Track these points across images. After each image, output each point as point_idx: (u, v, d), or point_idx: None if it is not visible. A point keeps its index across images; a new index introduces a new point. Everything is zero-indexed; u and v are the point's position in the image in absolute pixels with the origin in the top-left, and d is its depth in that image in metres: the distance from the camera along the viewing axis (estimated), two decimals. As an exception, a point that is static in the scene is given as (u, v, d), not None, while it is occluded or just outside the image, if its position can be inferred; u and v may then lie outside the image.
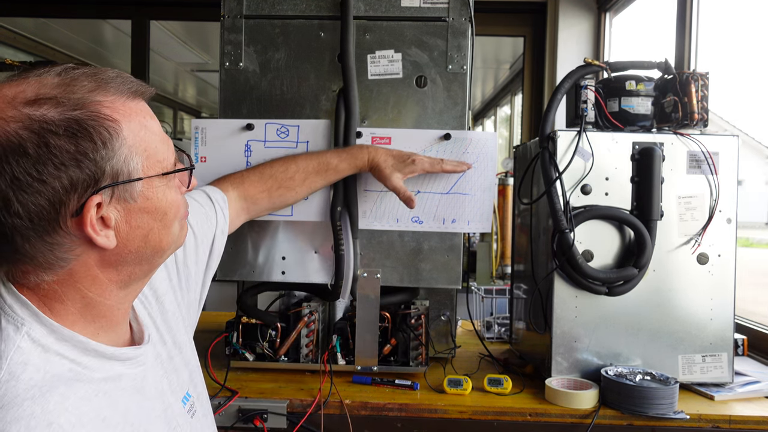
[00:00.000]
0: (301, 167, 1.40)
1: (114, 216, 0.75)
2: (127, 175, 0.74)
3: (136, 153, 0.75)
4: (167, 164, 0.80)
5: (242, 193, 1.35)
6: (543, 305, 1.56)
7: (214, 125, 1.52)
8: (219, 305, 3.72)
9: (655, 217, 1.50)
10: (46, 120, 0.69)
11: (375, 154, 1.43)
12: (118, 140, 0.73)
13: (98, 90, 0.73)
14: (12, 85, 0.72)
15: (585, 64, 1.58)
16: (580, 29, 3.31)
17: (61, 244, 0.73)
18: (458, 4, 1.53)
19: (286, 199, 1.42)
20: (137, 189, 0.76)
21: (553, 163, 1.51)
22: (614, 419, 1.39)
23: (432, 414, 1.42)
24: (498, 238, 3.09)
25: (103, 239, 0.74)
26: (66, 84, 0.72)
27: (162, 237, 0.81)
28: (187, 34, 4.77)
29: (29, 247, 0.72)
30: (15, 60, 1.76)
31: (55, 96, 0.70)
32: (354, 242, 1.50)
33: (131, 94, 0.77)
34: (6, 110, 0.69)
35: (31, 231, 0.70)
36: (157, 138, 0.79)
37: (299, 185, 1.41)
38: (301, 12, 1.55)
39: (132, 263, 0.80)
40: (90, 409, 0.73)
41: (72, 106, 0.70)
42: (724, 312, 1.53)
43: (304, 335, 1.57)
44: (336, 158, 1.42)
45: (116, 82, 0.75)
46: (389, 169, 1.42)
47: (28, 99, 0.70)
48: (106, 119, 0.72)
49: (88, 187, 0.71)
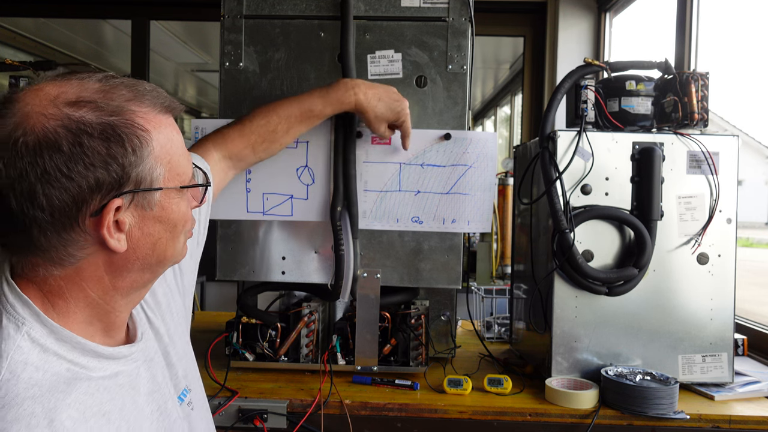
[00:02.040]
0: (283, 117, 1.36)
1: (129, 221, 0.78)
2: (149, 183, 0.78)
3: (161, 164, 0.79)
4: (185, 178, 0.84)
5: (225, 153, 1.33)
6: (543, 305, 1.56)
7: (214, 125, 1.52)
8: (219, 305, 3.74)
9: (655, 217, 1.50)
10: (83, 121, 0.72)
11: (363, 97, 1.37)
12: (147, 149, 0.77)
13: (134, 100, 0.77)
14: (56, 84, 0.75)
15: (585, 64, 1.58)
16: (580, 29, 3.31)
17: (75, 240, 0.75)
18: (458, 4, 1.53)
19: (271, 151, 1.40)
20: (155, 198, 0.79)
21: (553, 163, 1.51)
22: (614, 419, 1.39)
23: (432, 414, 1.42)
24: (498, 238, 3.09)
25: (115, 242, 0.77)
26: (105, 90, 0.76)
27: (168, 247, 0.84)
28: (187, 34, 4.77)
29: (44, 240, 0.74)
30: (15, 60, 1.76)
31: (95, 100, 0.74)
32: (354, 242, 1.50)
33: (163, 108, 0.81)
34: (48, 107, 0.72)
35: (49, 225, 0.73)
36: (180, 152, 0.83)
37: (283, 135, 1.37)
38: (301, 12, 1.55)
39: (136, 270, 0.82)
40: (94, 403, 0.75)
41: (109, 111, 0.74)
42: (724, 312, 1.53)
43: (304, 335, 1.58)
44: (320, 103, 1.36)
45: (151, 96, 0.80)
46: (376, 119, 1.40)
47: (70, 100, 0.73)
48: (138, 128, 0.76)
49: (111, 189, 0.74)
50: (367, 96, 1.38)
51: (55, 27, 4.63)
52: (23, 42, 4.78)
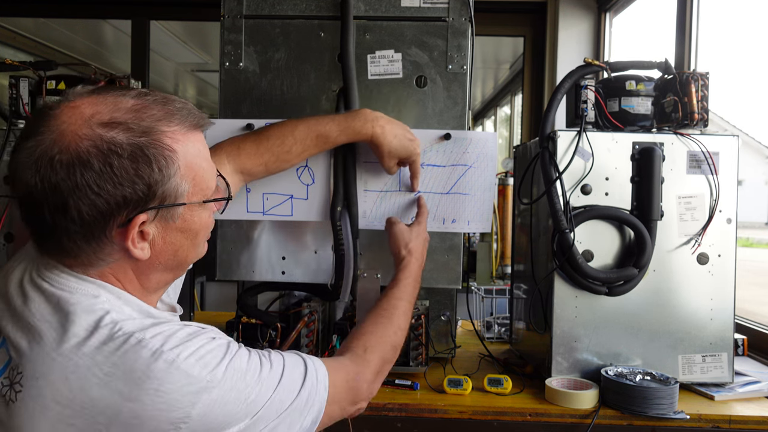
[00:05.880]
0: (299, 139, 1.35)
1: (152, 231, 0.83)
2: (173, 198, 0.83)
3: (186, 180, 0.84)
4: (209, 192, 0.89)
5: (238, 167, 1.32)
6: (543, 305, 1.56)
7: (214, 125, 1.52)
8: (219, 305, 3.73)
9: (655, 217, 1.50)
10: (114, 142, 0.77)
11: (380, 131, 1.36)
12: (173, 168, 0.82)
13: (164, 119, 0.82)
14: (92, 102, 0.80)
15: (585, 64, 1.58)
16: (580, 29, 3.30)
17: (102, 249, 0.81)
18: (458, 4, 1.53)
19: (282, 169, 1.40)
20: (179, 211, 0.85)
21: (553, 163, 1.51)
22: (614, 419, 1.39)
23: (432, 414, 1.42)
24: (498, 238, 3.09)
25: (139, 251, 0.82)
26: (137, 110, 0.81)
27: (189, 253, 0.90)
28: (187, 34, 4.77)
29: (73, 246, 0.81)
30: (15, 60, 1.76)
31: (126, 121, 0.79)
32: (354, 242, 1.50)
33: (192, 125, 0.86)
34: (83, 128, 0.77)
35: (79, 234, 0.79)
36: (205, 166, 0.88)
37: (296, 157, 1.37)
38: (301, 12, 1.55)
39: (159, 271, 0.88)
40: None
41: (140, 132, 0.79)
42: (724, 312, 1.53)
43: (304, 335, 1.57)
44: (336, 130, 1.36)
45: (181, 114, 0.84)
46: (389, 155, 1.39)
47: (103, 121, 0.78)
48: (166, 149, 0.81)
49: (138, 205, 0.80)
50: (384, 131, 1.37)
51: (55, 27, 4.63)
52: (23, 42, 4.78)
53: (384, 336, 1.16)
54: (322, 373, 0.94)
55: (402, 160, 1.43)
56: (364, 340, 1.12)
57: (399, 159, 1.42)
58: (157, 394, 0.74)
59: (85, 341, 0.77)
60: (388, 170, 1.44)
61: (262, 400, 0.83)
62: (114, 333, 0.77)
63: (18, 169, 0.78)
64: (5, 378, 0.79)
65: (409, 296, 1.28)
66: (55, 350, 0.77)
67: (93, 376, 0.74)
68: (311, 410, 0.91)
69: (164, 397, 0.74)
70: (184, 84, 6.98)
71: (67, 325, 0.78)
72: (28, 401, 0.76)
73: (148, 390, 0.74)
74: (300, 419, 0.89)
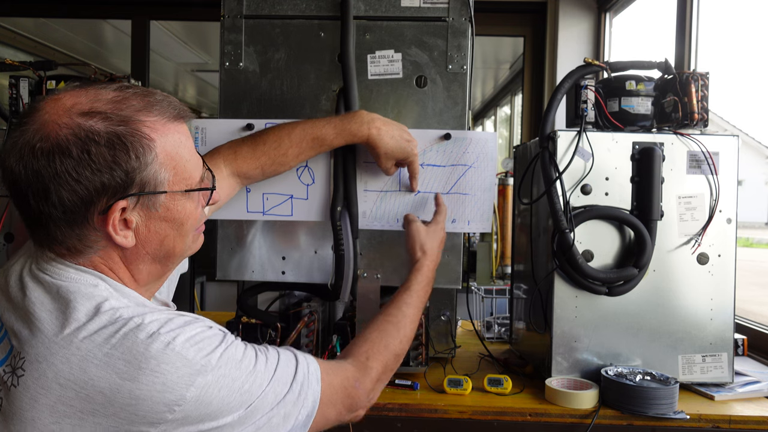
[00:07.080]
0: (295, 142, 1.35)
1: (136, 219, 0.85)
2: (153, 186, 0.84)
3: (166, 169, 0.85)
4: (192, 182, 0.90)
5: (234, 170, 1.33)
6: (543, 305, 1.56)
7: (214, 125, 1.52)
8: (219, 305, 3.74)
9: (655, 217, 1.50)
10: (92, 131, 0.80)
11: (375, 132, 1.36)
12: (150, 155, 0.83)
13: (144, 110, 0.84)
14: (73, 95, 0.83)
15: (585, 64, 1.58)
16: (580, 29, 3.31)
17: (87, 235, 0.84)
18: (458, 4, 1.53)
19: (279, 172, 1.41)
20: (160, 200, 0.86)
21: (553, 163, 1.51)
22: (614, 419, 1.39)
23: (432, 414, 1.42)
24: (498, 238, 3.09)
25: (122, 238, 0.84)
26: (117, 101, 0.83)
27: (176, 243, 0.91)
28: (187, 34, 4.77)
29: (60, 233, 0.83)
30: (15, 60, 1.76)
31: (105, 111, 0.82)
32: (354, 242, 1.50)
33: (173, 116, 0.88)
34: (62, 117, 0.80)
35: (62, 220, 0.82)
36: (188, 157, 0.89)
37: (292, 159, 1.38)
38: (301, 12, 1.55)
39: (148, 262, 0.90)
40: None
41: (117, 121, 0.81)
42: (724, 312, 1.53)
43: (304, 335, 1.57)
44: (332, 133, 1.36)
45: (161, 105, 0.86)
46: (385, 156, 1.39)
47: (83, 110, 0.81)
48: (143, 137, 0.83)
49: (116, 192, 0.82)
50: (380, 132, 1.37)
51: (55, 27, 4.63)
52: (23, 42, 4.78)
53: (389, 345, 1.15)
54: (314, 366, 0.96)
55: (399, 161, 1.43)
56: (367, 347, 1.12)
57: (396, 160, 1.42)
58: (153, 375, 0.77)
59: (85, 325, 0.79)
60: (386, 171, 1.44)
61: (257, 391, 0.85)
62: (114, 317, 0.80)
63: (4, 157, 0.82)
64: (7, 366, 0.81)
65: (419, 302, 1.28)
66: (57, 335, 0.79)
67: (93, 357, 0.77)
68: (305, 403, 0.92)
69: (160, 378, 0.77)
70: (184, 84, 6.98)
71: (68, 311, 0.81)
72: (30, 383, 0.78)
73: (145, 370, 0.77)
74: (295, 412, 0.90)
